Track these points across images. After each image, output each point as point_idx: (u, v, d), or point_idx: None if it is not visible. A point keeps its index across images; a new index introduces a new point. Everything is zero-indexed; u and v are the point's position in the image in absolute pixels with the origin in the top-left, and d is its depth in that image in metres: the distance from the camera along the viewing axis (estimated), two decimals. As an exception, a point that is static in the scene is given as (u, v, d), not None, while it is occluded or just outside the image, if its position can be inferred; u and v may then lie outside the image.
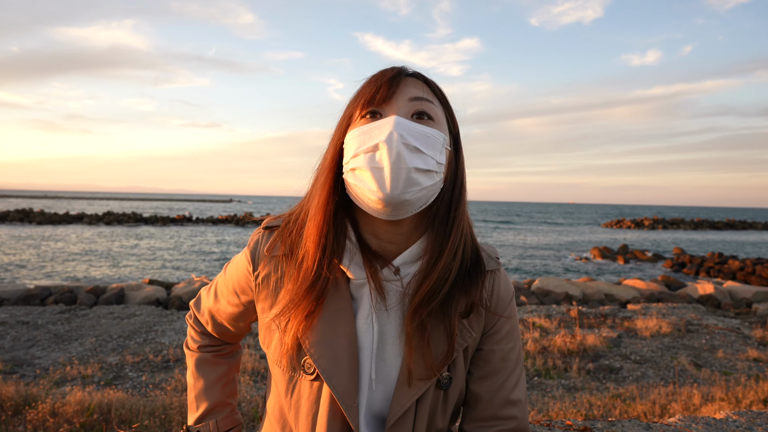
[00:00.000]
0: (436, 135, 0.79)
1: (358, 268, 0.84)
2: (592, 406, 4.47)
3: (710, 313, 9.47)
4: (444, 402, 0.87)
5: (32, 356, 6.28)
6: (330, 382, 0.80)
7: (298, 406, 0.85)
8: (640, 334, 7.31)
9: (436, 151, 0.79)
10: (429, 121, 0.81)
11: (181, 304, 10.70)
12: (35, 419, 3.95)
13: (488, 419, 0.86)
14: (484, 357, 0.88)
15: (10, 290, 10.83)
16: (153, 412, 4.15)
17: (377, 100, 0.80)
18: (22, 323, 7.84)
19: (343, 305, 0.84)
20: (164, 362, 6.05)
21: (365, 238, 0.86)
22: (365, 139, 0.77)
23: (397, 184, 0.74)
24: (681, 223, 62.10)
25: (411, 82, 0.83)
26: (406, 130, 0.76)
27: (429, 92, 0.84)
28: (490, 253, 0.92)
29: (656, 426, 1.34)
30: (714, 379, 5.39)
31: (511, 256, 28.11)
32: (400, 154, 0.73)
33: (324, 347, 0.81)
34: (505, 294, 0.90)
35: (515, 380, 0.88)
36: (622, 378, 5.58)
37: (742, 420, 1.46)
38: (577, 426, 1.27)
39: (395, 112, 0.79)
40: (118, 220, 45.94)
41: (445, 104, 0.87)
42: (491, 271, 0.90)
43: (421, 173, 0.76)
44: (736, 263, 21.39)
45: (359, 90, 0.84)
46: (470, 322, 0.86)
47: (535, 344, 6.52)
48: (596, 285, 12.96)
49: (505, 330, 0.89)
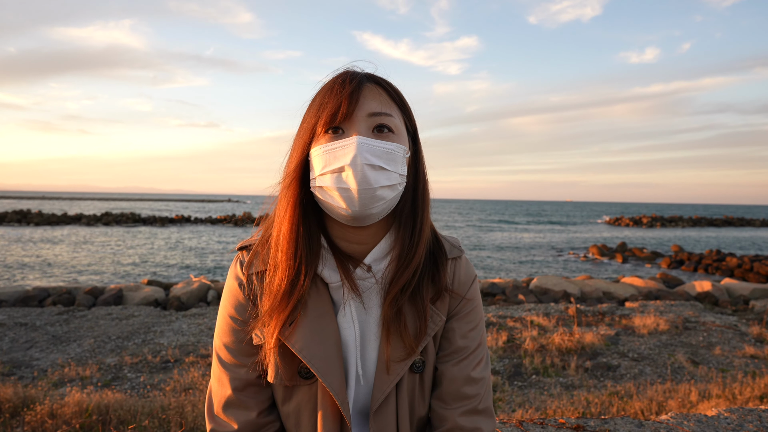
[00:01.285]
0: (396, 150, 0.84)
1: (333, 272, 0.88)
2: (589, 403, 4.49)
3: (708, 311, 9.50)
4: (421, 386, 0.91)
5: (30, 358, 6.27)
6: (326, 380, 0.83)
7: (298, 412, 0.89)
8: (638, 332, 7.34)
9: (398, 164, 0.84)
10: (389, 134, 0.84)
11: (180, 304, 10.70)
12: (34, 421, 3.96)
13: (451, 397, 0.90)
14: (446, 336, 0.93)
15: (8, 291, 10.81)
16: (152, 413, 4.15)
17: (338, 118, 0.82)
18: (21, 325, 7.84)
19: (325, 308, 0.87)
20: (163, 363, 6.05)
21: (335, 242, 0.90)
22: (330, 158, 0.81)
23: (365, 203, 0.80)
24: (679, 221, 62.23)
25: (370, 93, 0.85)
26: (369, 150, 0.80)
27: (387, 100, 0.86)
28: (453, 242, 0.99)
29: (648, 423, 1.35)
30: (711, 376, 5.41)
31: (510, 255, 28.14)
32: (365, 176, 0.79)
33: (314, 349, 0.84)
34: (466, 278, 0.96)
35: (477, 360, 0.92)
36: (620, 375, 5.60)
37: (733, 417, 1.46)
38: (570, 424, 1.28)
39: (357, 130, 0.82)
40: (116, 220, 45.86)
41: (402, 107, 0.90)
42: (454, 258, 0.96)
43: (386, 188, 0.82)
44: (733, 260, 21.43)
45: (318, 100, 0.85)
46: (438, 307, 0.91)
47: (533, 342, 6.53)
48: (594, 283, 12.99)
49: (466, 311, 0.94)
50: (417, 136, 0.92)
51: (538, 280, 13.01)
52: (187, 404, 4.25)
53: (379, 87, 0.87)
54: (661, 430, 1.34)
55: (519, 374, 5.62)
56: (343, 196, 0.79)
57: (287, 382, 0.87)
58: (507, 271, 21.70)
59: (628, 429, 1.31)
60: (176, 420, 3.94)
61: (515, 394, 4.97)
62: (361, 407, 0.90)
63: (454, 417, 0.88)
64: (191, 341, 7.06)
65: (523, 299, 11.39)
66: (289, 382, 0.88)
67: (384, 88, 0.87)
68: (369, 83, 0.86)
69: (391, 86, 0.89)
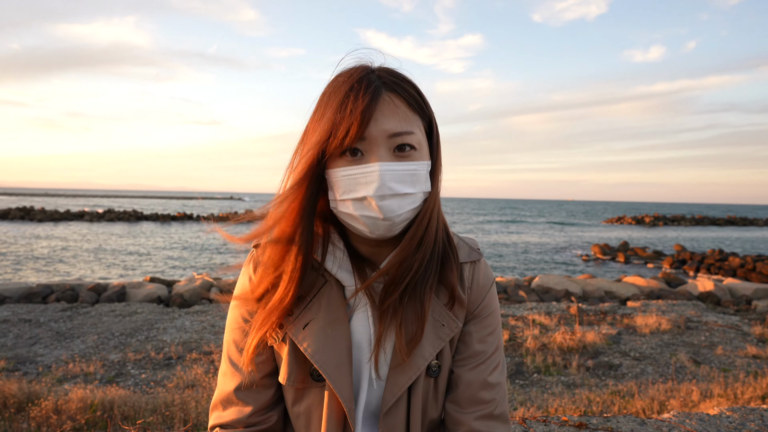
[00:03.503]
0: (420, 168, 0.81)
1: (348, 275, 0.87)
2: (591, 402, 4.50)
3: (710, 310, 9.49)
4: (435, 390, 0.91)
5: (35, 354, 6.31)
6: (335, 385, 0.83)
7: (309, 414, 0.89)
8: (640, 331, 7.34)
9: (422, 183, 0.82)
10: (411, 152, 0.80)
11: (183, 301, 10.74)
12: (38, 416, 3.99)
13: (467, 401, 0.89)
14: (464, 340, 0.92)
15: (12, 288, 10.86)
16: (155, 409, 4.18)
17: (350, 141, 0.76)
18: (25, 321, 7.88)
19: (338, 312, 0.87)
20: (166, 359, 6.08)
21: (355, 246, 0.90)
22: (351, 185, 0.78)
23: (389, 229, 0.80)
24: (682, 220, 62.09)
25: (388, 107, 0.78)
26: (393, 178, 0.77)
27: (406, 112, 0.80)
28: (471, 245, 0.96)
29: (651, 422, 1.36)
30: (713, 375, 5.41)
31: (512, 254, 28.13)
32: (390, 206, 0.78)
33: (327, 353, 0.84)
34: (485, 282, 0.94)
35: (494, 364, 0.92)
36: (622, 375, 5.61)
37: (735, 416, 1.46)
38: (573, 422, 1.29)
39: (376, 154, 0.77)
40: (119, 217, 45.98)
41: (422, 112, 0.84)
42: (472, 262, 0.94)
43: (410, 210, 0.81)
44: (736, 260, 21.37)
45: (330, 114, 0.78)
46: (455, 312, 0.90)
47: (534, 341, 6.54)
48: (596, 282, 12.98)
49: (484, 315, 0.93)
50: (436, 135, 0.88)
51: (539, 278, 13.01)
52: (190, 401, 4.28)
53: (396, 96, 0.79)
54: (663, 428, 1.35)
55: (521, 373, 5.64)
56: (368, 223, 0.79)
57: (299, 384, 0.88)
58: (509, 270, 21.70)
59: (630, 427, 1.32)
60: (179, 416, 3.97)
61: (517, 393, 4.98)
62: (373, 410, 0.90)
63: (470, 421, 0.88)
64: (194, 338, 7.09)
65: (525, 298, 11.39)
66: (301, 384, 0.88)
67: (401, 97, 0.80)
68: (385, 94, 0.78)
69: (407, 91, 0.81)
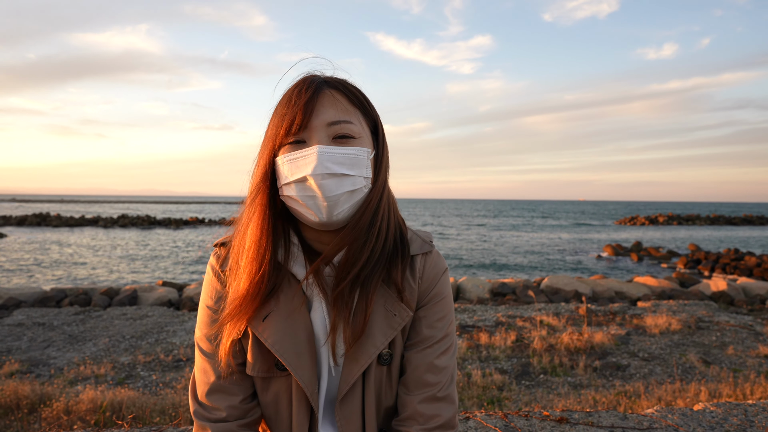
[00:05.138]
0: (359, 153, 0.86)
1: (302, 269, 0.92)
2: (596, 402, 4.48)
3: (722, 310, 9.35)
4: (389, 378, 0.94)
5: (48, 356, 6.44)
6: (296, 373, 0.88)
7: (276, 402, 0.93)
8: (649, 332, 7.27)
9: (362, 168, 0.86)
10: (350, 140, 0.86)
11: (193, 305, 10.87)
12: (50, 417, 4.08)
13: (413, 384, 0.93)
14: (413, 326, 0.95)
15: (27, 292, 11.09)
16: (163, 411, 4.25)
17: (294, 129, 0.84)
18: (39, 324, 8.04)
19: (296, 303, 0.91)
20: (175, 362, 6.17)
21: (309, 241, 0.94)
22: (293, 168, 0.84)
23: (331, 211, 0.84)
24: (696, 219, 61.14)
25: (327, 100, 0.86)
26: (330, 159, 0.82)
27: (346, 105, 0.87)
28: (424, 237, 1.01)
29: (632, 416, 1.36)
30: (723, 376, 5.34)
31: (522, 255, 27.95)
32: (328, 185, 0.82)
33: (286, 343, 0.88)
34: (435, 271, 0.98)
35: (442, 349, 0.94)
36: (629, 375, 5.56)
37: (719, 411, 1.46)
38: (554, 416, 1.30)
39: (317, 139, 0.84)
40: (132, 222, 46.62)
41: (363, 108, 0.91)
42: (424, 254, 0.98)
43: (351, 194, 0.85)
44: (752, 259, 21.00)
45: (279, 110, 0.87)
46: (406, 302, 0.93)
47: (541, 342, 6.51)
48: (606, 283, 12.86)
49: (434, 302, 0.96)
50: (382, 134, 0.94)
51: (549, 279, 12.93)
52: (197, 402, 4.34)
53: (337, 92, 0.87)
54: (644, 422, 1.34)
55: (527, 373, 5.62)
56: (309, 204, 0.83)
57: (264, 374, 0.92)
58: (519, 271, 21.57)
59: (611, 421, 1.32)
60: (186, 417, 4.03)
61: (522, 393, 4.97)
62: (332, 397, 0.94)
63: (414, 403, 0.91)
64: (203, 341, 7.17)
65: (534, 299, 11.33)
66: (266, 374, 0.92)
67: (342, 93, 0.87)
68: (326, 89, 0.86)
69: (349, 89, 0.89)
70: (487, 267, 23.00)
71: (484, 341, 6.73)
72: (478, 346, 6.56)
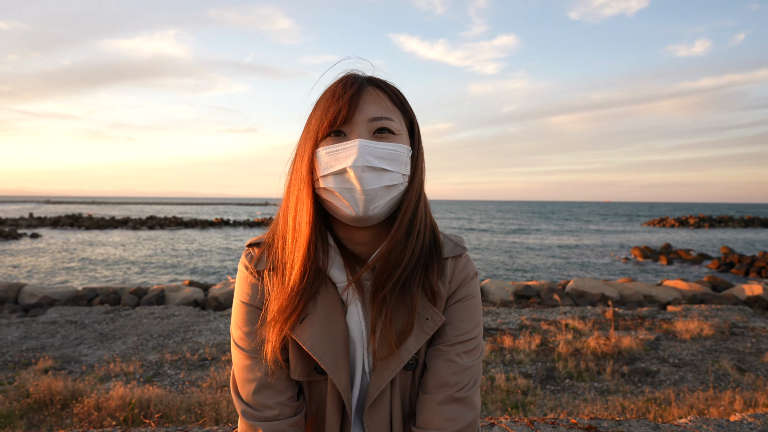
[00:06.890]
0: (399, 149, 0.86)
1: (340, 272, 0.91)
2: (625, 409, 4.36)
3: (758, 315, 9.00)
4: (413, 382, 0.94)
5: (79, 354, 6.64)
6: (334, 376, 0.88)
7: (316, 405, 0.94)
8: (680, 337, 7.04)
9: (401, 164, 0.86)
10: (390, 135, 0.87)
11: (218, 304, 11.04)
12: (81, 412, 4.20)
13: (433, 383, 0.91)
14: (439, 327, 0.94)
15: (60, 291, 11.49)
16: (189, 408, 4.33)
17: (339, 122, 0.84)
18: (71, 323, 8.30)
19: (334, 307, 0.91)
20: (200, 360, 6.27)
21: (343, 243, 0.94)
22: (333, 160, 0.84)
23: (368, 205, 0.83)
24: (729, 221, 59.02)
25: (370, 97, 0.87)
26: (370, 153, 0.83)
27: (387, 103, 0.89)
28: (456, 241, 1.00)
29: (665, 426, 1.31)
30: (759, 384, 5.14)
31: (547, 257, 27.50)
32: (367, 177, 0.82)
33: (324, 346, 0.88)
34: (465, 273, 0.97)
35: (466, 348, 0.93)
36: (659, 382, 5.40)
37: (757, 422, 1.38)
38: (582, 425, 1.26)
39: (358, 133, 0.84)
40: (160, 224, 47.74)
41: (403, 108, 0.92)
42: (455, 257, 0.97)
43: (388, 189, 0.85)
44: (789, 263, 20.19)
45: (322, 104, 0.88)
46: (438, 306, 0.93)
47: (567, 346, 6.38)
48: (634, 286, 12.53)
49: (462, 304, 0.95)
50: (418, 135, 0.94)
51: (574, 282, 12.67)
52: (222, 400, 4.40)
53: (379, 90, 0.89)
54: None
55: (552, 378, 5.51)
56: (346, 197, 0.83)
57: (304, 378, 0.92)
58: (544, 273, 21.23)
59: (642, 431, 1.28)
60: (210, 415, 4.09)
61: (547, 398, 4.88)
62: (361, 402, 0.94)
63: (433, 404, 0.89)
64: (228, 340, 7.28)
65: (559, 302, 11.13)
66: (306, 377, 0.92)
67: (384, 91, 0.89)
68: (369, 86, 0.88)
69: (390, 88, 0.90)
70: (510, 269, 22.72)
71: (508, 345, 6.64)
72: (501, 350, 6.47)
